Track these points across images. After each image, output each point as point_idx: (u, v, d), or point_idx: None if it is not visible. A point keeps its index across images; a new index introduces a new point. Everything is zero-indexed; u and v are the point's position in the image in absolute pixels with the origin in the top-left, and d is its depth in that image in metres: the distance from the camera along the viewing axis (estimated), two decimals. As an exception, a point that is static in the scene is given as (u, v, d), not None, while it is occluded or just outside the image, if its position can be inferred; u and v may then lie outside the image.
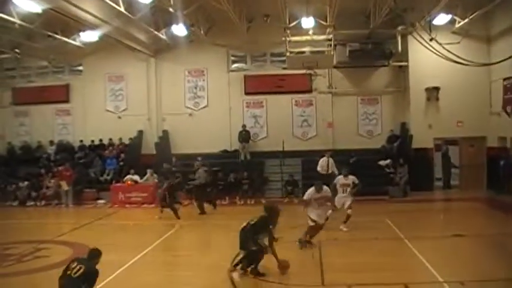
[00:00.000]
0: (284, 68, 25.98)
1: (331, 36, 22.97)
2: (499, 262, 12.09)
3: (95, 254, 8.94)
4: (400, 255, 13.62)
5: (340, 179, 16.60)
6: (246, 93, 26.89)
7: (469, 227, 14.83)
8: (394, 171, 24.67)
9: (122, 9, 19.49)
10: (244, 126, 26.15)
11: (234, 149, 26.54)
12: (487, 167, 25.13)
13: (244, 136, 25.92)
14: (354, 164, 23.62)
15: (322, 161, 22.82)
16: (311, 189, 14.50)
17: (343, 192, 16.31)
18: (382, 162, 24.96)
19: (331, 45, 23.43)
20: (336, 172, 20.81)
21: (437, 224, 17.94)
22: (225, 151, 26.64)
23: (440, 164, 25.97)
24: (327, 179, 21.78)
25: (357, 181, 16.34)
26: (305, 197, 14.60)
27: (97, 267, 8.70)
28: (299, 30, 22.82)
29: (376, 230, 16.05)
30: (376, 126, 27.19)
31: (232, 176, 24.08)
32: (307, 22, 22.21)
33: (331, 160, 22.66)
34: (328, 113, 26.74)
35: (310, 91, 26.82)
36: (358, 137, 26.78)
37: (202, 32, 24.79)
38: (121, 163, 26.63)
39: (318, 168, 22.66)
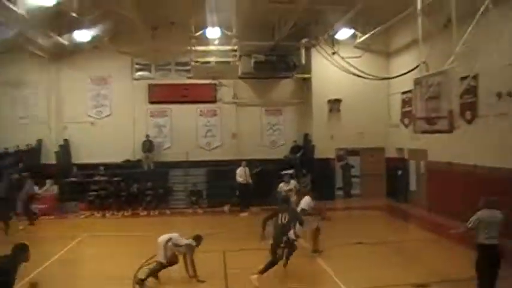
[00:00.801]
0: (189, 78, 25.77)
1: (236, 47, 23.12)
2: (400, 268, 12.49)
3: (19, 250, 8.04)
4: (304, 264, 13.77)
5: (282, 186, 16.54)
6: (150, 102, 26.36)
7: (371, 235, 15.29)
8: (297, 181, 24.98)
9: (21, 11, 18.66)
10: (148, 135, 25.68)
11: (138, 158, 26.00)
12: (386, 177, 26.01)
13: (148, 146, 25.45)
14: (258, 174, 23.89)
15: (241, 171, 22.92)
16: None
17: None
18: (285, 173, 25.23)
19: (236, 56, 23.57)
20: (251, 181, 21.06)
21: (340, 232, 18.32)
22: (128, 161, 26.05)
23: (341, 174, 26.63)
24: (246, 188, 21.98)
25: (297, 185, 16.32)
26: None
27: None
28: (205, 39, 22.80)
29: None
30: (279, 136, 27.51)
31: (135, 187, 23.64)
32: (213, 32, 22.23)
33: (247, 169, 22.86)
34: (233, 123, 26.79)
35: (214, 101, 26.75)
36: (262, 147, 26.99)
37: (106, 38, 24.17)
38: (19, 173, 25.40)
39: (238, 178, 22.73)
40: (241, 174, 22.91)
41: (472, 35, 13.93)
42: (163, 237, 12.20)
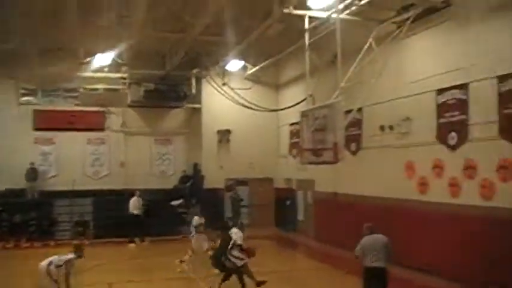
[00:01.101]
0: (77, 104, 24.92)
1: (126, 74, 22.85)
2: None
3: None
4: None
5: (196, 219, 16.46)
6: (36, 129, 25.15)
7: (260, 264, 15.26)
8: (186, 211, 24.88)
9: None
10: (32, 163, 24.48)
11: (21, 187, 24.71)
12: (274, 206, 26.43)
13: (32, 174, 24.28)
14: (147, 204, 23.55)
15: (134, 201, 22.43)
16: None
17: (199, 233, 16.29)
18: (174, 202, 25.02)
19: (125, 84, 23.29)
20: (142, 213, 20.61)
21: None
22: (10, 190, 24.70)
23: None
24: (138, 218, 21.40)
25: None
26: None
27: None
28: (94, 66, 22.36)
29: (168, 270, 15.91)
30: (169, 166, 27.26)
31: (18, 217, 22.56)
32: (103, 59, 21.87)
33: (140, 200, 22.42)
34: (121, 152, 26.18)
35: (103, 129, 25.99)
36: (151, 176, 26.53)
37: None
38: None
39: (132, 209, 22.19)
40: (136, 205, 22.48)
41: (356, 71, 14.64)
42: (43, 263, 11.57)
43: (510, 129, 12.25)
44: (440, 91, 14.67)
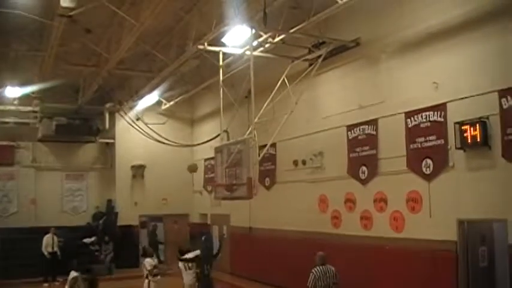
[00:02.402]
0: None
1: (37, 108, 22.23)
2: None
3: None
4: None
5: (148, 261, 15.51)
6: None
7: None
8: (99, 248, 24.25)
9: None
10: None
11: None
12: (190, 242, 26.12)
13: None
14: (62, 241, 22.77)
15: (48, 238, 21.53)
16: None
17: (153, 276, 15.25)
18: (87, 240, 24.34)
19: (37, 118, 22.63)
20: (58, 251, 19.76)
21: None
22: None
23: (147, 241, 26.23)
24: (53, 257, 20.43)
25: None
26: None
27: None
28: (4, 99, 21.60)
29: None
30: (81, 202, 26.51)
31: None
32: (13, 91, 21.18)
33: (55, 237, 21.57)
34: (31, 188, 25.22)
35: (12, 164, 25.00)
36: (62, 213, 25.64)
37: None
38: None
39: (44, 248, 21.29)
40: (49, 243, 21.64)
41: (269, 107, 14.90)
42: None
43: (417, 163, 12.75)
44: (351, 127, 15.12)
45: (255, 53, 14.87)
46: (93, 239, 24.36)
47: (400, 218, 13.40)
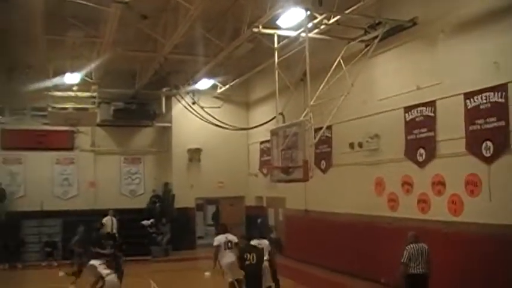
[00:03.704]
0: (45, 124, 24.46)
1: (95, 93, 22.65)
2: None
3: None
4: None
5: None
6: (3, 149, 24.66)
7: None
8: (156, 230, 24.71)
9: None
10: (-1, 184, 24.07)
11: (-13, 209, 24.23)
12: (246, 225, 26.35)
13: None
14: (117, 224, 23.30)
15: (107, 220, 22.09)
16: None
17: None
18: (144, 222, 24.87)
19: (95, 103, 23.07)
20: (117, 233, 20.18)
21: (197, 281, 18.16)
22: (-23, 211, 24.24)
23: (203, 223, 26.55)
24: (111, 239, 20.95)
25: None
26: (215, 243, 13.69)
27: None
28: (63, 85, 22.10)
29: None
30: (139, 185, 27.05)
31: (-16, 239, 22.09)
32: (72, 78, 21.63)
33: (114, 219, 22.09)
34: (90, 171, 25.90)
35: (72, 149, 25.73)
36: (121, 196, 26.29)
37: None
38: None
39: (105, 228, 21.84)
40: (108, 224, 22.14)
41: (325, 89, 14.75)
42: None
43: (477, 145, 12.45)
44: (408, 108, 14.88)
45: (310, 34, 14.70)
46: (150, 221, 24.83)
47: (459, 201, 13.14)
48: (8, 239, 22.33)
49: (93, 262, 13.42)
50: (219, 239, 13.87)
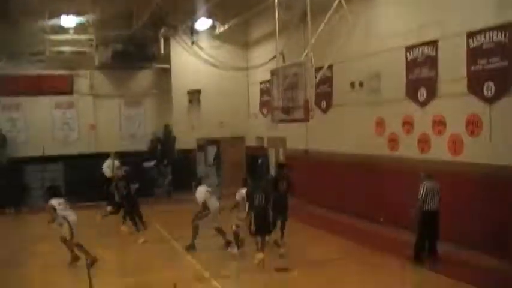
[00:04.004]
0: (43, 68, 24.38)
1: (93, 36, 22.39)
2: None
3: None
4: (168, 255, 13.82)
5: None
6: (2, 95, 24.40)
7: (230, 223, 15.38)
8: (158, 172, 24.87)
9: None
10: (0, 130, 24.04)
11: (-11, 155, 24.30)
12: (246, 165, 26.52)
13: (1, 141, 23.79)
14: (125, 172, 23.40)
15: (108, 163, 22.17)
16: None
17: None
18: (146, 164, 25.00)
19: (92, 46, 22.83)
20: (120, 174, 20.23)
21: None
22: (-22, 158, 24.32)
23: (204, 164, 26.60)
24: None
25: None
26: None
27: None
28: (59, 28, 21.80)
29: (143, 232, 15.89)
30: (139, 128, 27.06)
31: (-13, 185, 22.24)
32: (69, 20, 21.33)
33: (116, 162, 22.13)
34: (90, 115, 25.87)
35: (71, 93, 25.56)
36: (121, 139, 26.33)
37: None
38: None
39: (104, 170, 21.93)
40: (110, 167, 22.19)
41: (326, 28, 14.54)
42: None
43: (478, 85, 12.37)
44: (410, 48, 14.72)
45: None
46: (152, 163, 24.95)
47: (459, 141, 13.16)
48: (11, 184, 22.48)
49: (53, 202, 13.10)
50: (201, 191, 14.09)
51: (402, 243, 13.18)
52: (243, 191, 13.57)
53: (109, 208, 18.32)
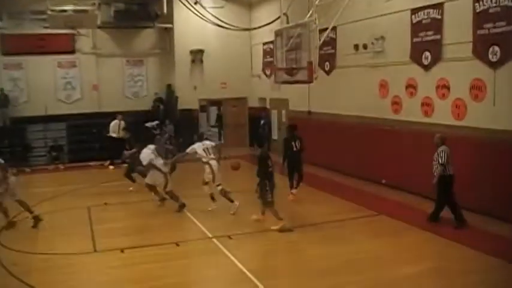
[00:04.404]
0: (45, 27, 23.80)
1: (95, -6, 22.12)
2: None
3: None
4: (169, 215, 13.93)
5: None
6: (4, 54, 24.25)
7: (236, 183, 15.43)
8: (160, 132, 24.87)
9: None
10: (2, 89, 23.92)
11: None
12: (248, 126, 26.54)
13: (3, 101, 23.76)
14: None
15: (114, 125, 22.20)
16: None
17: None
18: (148, 124, 25.01)
19: (95, 4, 22.58)
20: (127, 135, 20.32)
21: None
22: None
23: (206, 125, 26.71)
24: (119, 142, 21.17)
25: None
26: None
27: None
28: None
29: (143, 193, 15.83)
30: (142, 87, 26.95)
31: (-10, 144, 22.31)
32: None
33: (122, 123, 22.18)
34: (93, 74, 25.68)
35: (73, 52, 25.34)
36: (124, 99, 26.23)
37: None
38: None
39: (111, 133, 22.00)
40: (115, 129, 22.27)
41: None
42: None
43: (484, 50, 12.29)
44: (415, 10, 14.59)
45: None
46: (154, 123, 24.96)
47: (462, 105, 13.16)
48: (14, 143, 22.56)
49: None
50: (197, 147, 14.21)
51: (402, 205, 13.33)
52: (195, 145, 14.17)
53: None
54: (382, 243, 11.07)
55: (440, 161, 11.69)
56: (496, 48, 11.93)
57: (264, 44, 24.40)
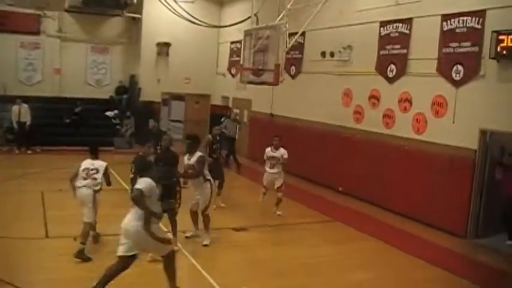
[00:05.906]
0: (10, 5, 23.33)
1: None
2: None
3: None
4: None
5: (268, 152, 14.18)
6: None
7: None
8: (120, 122, 24.68)
9: None
10: (-41, 65, 23.27)
11: None
12: (210, 123, 26.50)
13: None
14: (79, 113, 23.24)
15: (15, 109, 21.42)
16: None
17: (270, 168, 13.94)
18: (108, 113, 24.82)
19: (64, -14, 22.28)
20: (29, 121, 19.76)
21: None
22: None
23: (167, 118, 26.54)
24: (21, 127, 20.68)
25: (286, 155, 13.97)
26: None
27: None
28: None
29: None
30: (105, 75, 26.62)
31: None
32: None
33: (24, 107, 21.54)
34: (56, 58, 25.25)
35: (38, 33, 24.86)
36: (86, 85, 25.91)
37: None
38: None
39: (12, 118, 21.38)
40: (16, 114, 21.48)
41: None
42: None
43: (448, 68, 12.61)
44: (384, 23, 14.86)
45: None
46: (114, 112, 24.75)
47: (423, 120, 13.47)
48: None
49: None
50: None
51: (357, 213, 13.54)
52: None
53: None
54: (336, 248, 11.28)
55: None
56: (460, 67, 12.28)
57: (232, 43, 24.44)
